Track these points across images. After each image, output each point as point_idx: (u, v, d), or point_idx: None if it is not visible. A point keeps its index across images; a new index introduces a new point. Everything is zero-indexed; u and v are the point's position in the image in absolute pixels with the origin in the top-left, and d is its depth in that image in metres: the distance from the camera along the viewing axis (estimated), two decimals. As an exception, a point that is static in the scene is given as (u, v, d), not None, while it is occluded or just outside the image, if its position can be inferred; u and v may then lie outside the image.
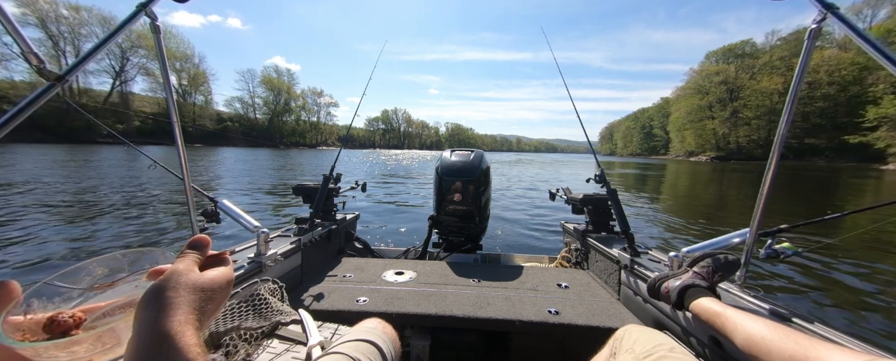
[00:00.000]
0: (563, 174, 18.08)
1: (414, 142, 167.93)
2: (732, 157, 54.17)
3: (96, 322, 0.43)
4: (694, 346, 1.02)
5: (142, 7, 0.84)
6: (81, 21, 47.41)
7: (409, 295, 1.42)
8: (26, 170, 9.89)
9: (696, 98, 62.43)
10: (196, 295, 0.37)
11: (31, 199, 5.78)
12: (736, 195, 10.55)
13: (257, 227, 1.39)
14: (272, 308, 0.95)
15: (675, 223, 5.99)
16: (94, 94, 50.74)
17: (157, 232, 4.27)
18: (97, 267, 0.46)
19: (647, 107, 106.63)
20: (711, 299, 0.92)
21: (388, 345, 0.83)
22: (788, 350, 0.63)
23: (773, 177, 0.99)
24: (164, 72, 1.04)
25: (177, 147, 1.10)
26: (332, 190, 2.18)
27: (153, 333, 0.32)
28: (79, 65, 0.72)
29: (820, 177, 19.49)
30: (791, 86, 0.95)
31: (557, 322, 1.26)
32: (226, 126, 69.04)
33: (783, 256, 1.07)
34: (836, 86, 43.75)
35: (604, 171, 1.78)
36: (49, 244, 3.58)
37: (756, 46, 60.50)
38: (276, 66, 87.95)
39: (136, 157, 7.93)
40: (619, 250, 1.58)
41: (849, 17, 0.79)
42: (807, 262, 3.61)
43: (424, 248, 2.23)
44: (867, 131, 36.16)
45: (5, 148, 19.77)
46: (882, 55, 0.70)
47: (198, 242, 0.44)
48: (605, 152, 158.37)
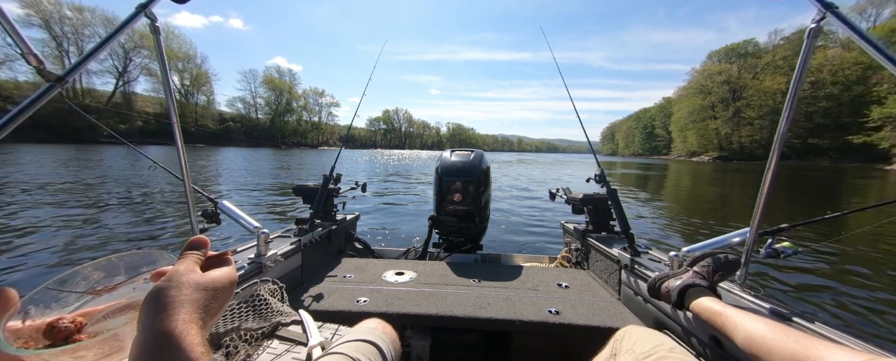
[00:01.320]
0: (561, 174, 18.05)
1: (415, 143, 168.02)
2: (735, 157, 53.95)
3: (96, 326, 0.43)
4: (694, 346, 1.02)
5: (141, 8, 0.84)
6: (85, 22, 47.76)
7: (409, 296, 1.42)
8: (27, 170, 9.95)
9: (698, 98, 62.19)
10: (199, 295, 0.37)
11: (30, 200, 5.81)
12: (738, 195, 10.51)
13: (257, 228, 1.39)
14: (272, 309, 0.95)
15: (675, 223, 5.97)
16: (98, 95, 51.02)
17: (157, 232, 4.29)
18: (93, 271, 0.46)
19: (649, 106, 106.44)
20: (712, 298, 0.92)
21: (388, 345, 0.83)
22: (789, 349, 0.63)
23: (773, 176, 0.98)
24: (163, 73, 1.04)
25: (177, 147, 1.11)
26: (333, 191, 2.19)
27: (156, 333, 0.32)
28: (79, 66, 0.72)
29: (823, 177, 19.40)
30: (791, 85, 0.94)
31: (558, 322, 1.26)
32: (228, 126, 69.24)
33: (783, 255, 1.07)
34: (840, 86, 43.45)
35: (604, 171, 1.78)
36: (47, 246, 3.58)
37: (759, 46, 60.20)
38: (277, 67, 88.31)
39: (138, 158, 7.99)
40: (620, 250, 1.58)
41: (850, 16, 0.79)
42: (807, 262, 3.59)
43: (424, 248, 2.23)
44: (871, 131, 35.91)
45: (9, 147, 19.89)
46: (882, 55, 0.69)
47: (197, 243, 0.45)
48: (607, 152, 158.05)
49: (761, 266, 3.30)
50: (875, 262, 3.74)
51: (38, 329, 0.39)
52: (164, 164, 1.60)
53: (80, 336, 0.40)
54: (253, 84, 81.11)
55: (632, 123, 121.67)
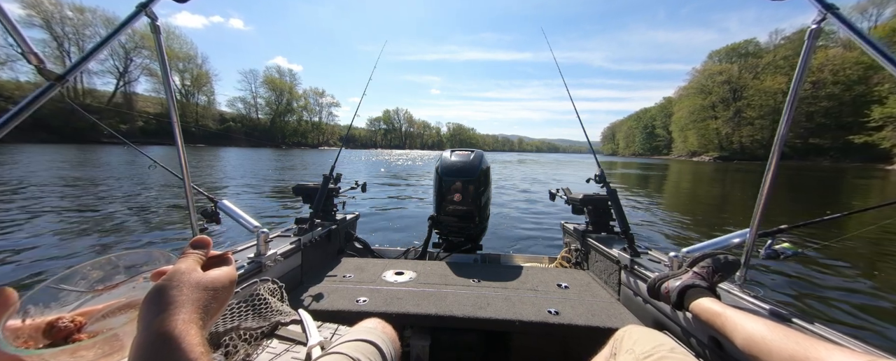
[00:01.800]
0: (562, 174, 18.04)
1: (415, 143, 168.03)
2: (736, 157, 53.86)
3: (96, 324, 0.43)
4: (694, 346, 1.02)
5: (141, 7, 0.84)
6: (86, 22, 47.85)
7: (408, 296, 1.42)
8: (27, 170, 9.96)
9: (698, 98, 62.11)
10: (199, 295, 0.37)
11: (30, 199, 5.82)
12: (739, 195, 10.49)
13: (257, 227, 1.39)
14: (272, 309, 0.95)
15: (675, 223, 5.97)
16: (99, 95, 51.14)
17: (157, 232, 4.29)
18: (92, 270, 0.47)
19: (650, 106, 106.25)
20: (711, 299, 0.92)
21: (388, 345, 0.83)
22: (788, 350, 0.63)
23: (773, 176, 0.98)
24: (163, 73, 1.04)
25: (177, 147, 1.11)
26: (332, 191, 2.19)
27: (156, 333, 0.32)
28: (79, 65, 0.72)
29: (824, 177, 19.37)
30: (791, 86, 0.94)
31: (557, 322, 1.26)
32: (228, 126, 69.31)
33: (783, 256, 1.07)
34: (841, 86, 43.35)
35: (604, 171, 1.78)
36: (47, 245, 3.59)
37: (760, 46, 60.06)
38: (278, 67, 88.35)
39: (139, 158, 8.03)
40: (619, 250, 1.57)
41: (852, 15, 0.79)
42: (807, 263, 3.58)
43: (424, 248, 2.23)
44: (872, 131, 35.83)
45: (13, 147, 19.92)
46: (882, 55, 0.69)
47: (199, 242, 0.45)
48: (608, 152, 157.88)
49: (761, 266, 3.30)
50: (875, 263, 3.74)
51: (37, 328, 0.39)
52: (165, 164, 1.60)
53: (80, 335, 0.40)
54: (253, 84, 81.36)
55: (632, 123, 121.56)
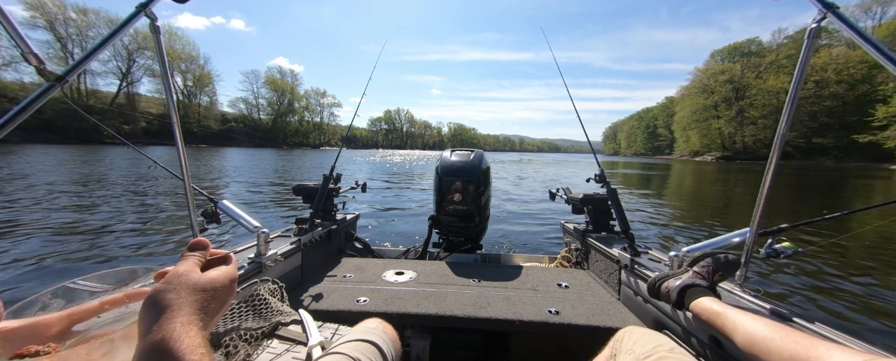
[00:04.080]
0: (562, 174, 18.01)
1: (416, 143, 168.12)
2: (738, 157, 53.65)
3: (86, 323, 0.43)
4: (694, 346, 1.01)
5: (141, 7, 0.84)
6: (89, 23, 48.01)
7: (409, 295, 1.43)
8: (27, 170, 10.02)
9: (701, 97, 61.86)
10: (198, 296, 0.38)
11: (28, 200, 5.85)
12: (741, 195, 10.44)
13: (257, 228, 1.40)
14: (272, 309, 0.95)
15: (675, 223, 5.95)
16: (102, 96, 51.32)
17: (157, 233, 4.30)
18: (52, 298, 0.48)
19: (651, 106, 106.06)
20: (712, 299, 0.92)
21: (388, 345, 0.83)
22: (789, 349, 0.63)
23: (773, 176, 0.98)
24: (163, 73, 1.05)
25: (177, 147, 1.11)
26: (333, 191, 2.19)
27: (156, 336, 0.33)
28: (79, 66, 0.73)
29: (827, 177, 19.26)
30: (791, 85, 0.94)
31: (557, 322, 1.25)
32: (230, 126, 69.54)
33: (783, 255, 1.07)
34: (845, 85, 43.07)
35: (604, 171, 1.78)
36: (46, 244, 3.60)
37: (762, 45, 59.70)
38: (279, 67, 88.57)
39: (140, 158, 8.05)
40: (620, 250, 1.57)
41: (855, 14, 0.79)
42: (807, 262, 3.57)
43: (424, 248, 2.24)
44: (876, 130, 35.62)
45: (13, 148, 20.03)
46: (882, 55, 0.69)
47: (197, 245, 0.45)
48: (609, 152, 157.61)
49: (761, 266, 3.28)
50: (876, 262, 3.71)
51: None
52: (166, 164, 1.61)
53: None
54: (255, 84, 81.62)
55: (634, 123, 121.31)
